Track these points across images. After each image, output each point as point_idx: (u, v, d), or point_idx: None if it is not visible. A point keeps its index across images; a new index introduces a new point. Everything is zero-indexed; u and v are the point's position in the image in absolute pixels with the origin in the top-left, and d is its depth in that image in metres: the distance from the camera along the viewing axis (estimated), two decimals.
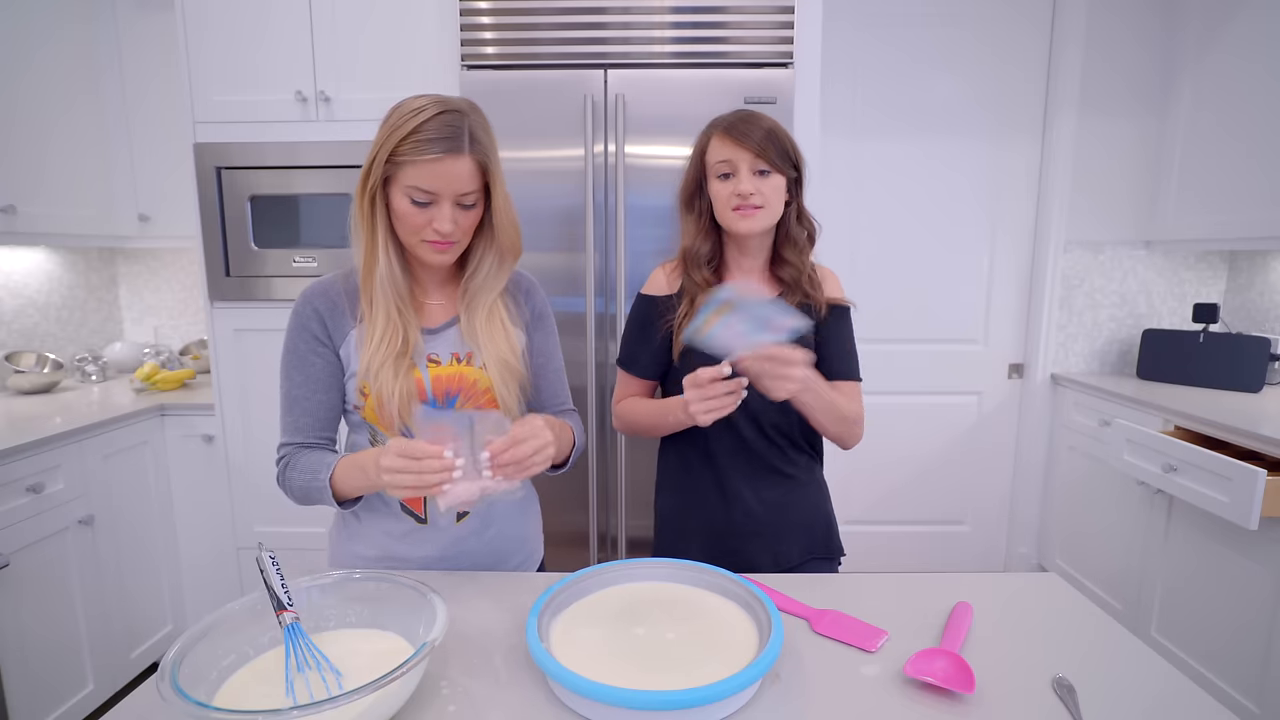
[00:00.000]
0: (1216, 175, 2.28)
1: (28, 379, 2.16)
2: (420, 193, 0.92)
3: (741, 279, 1.20)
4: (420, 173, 0.91)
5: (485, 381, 1.03)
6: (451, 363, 1.03)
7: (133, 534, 2.01)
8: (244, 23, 1.96)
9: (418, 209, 0.93)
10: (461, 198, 0.94)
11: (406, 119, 0.91)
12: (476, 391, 1.03)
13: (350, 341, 1.02)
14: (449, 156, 0.90)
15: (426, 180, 0.91)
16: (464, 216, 0.96)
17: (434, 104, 0.92)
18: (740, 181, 1.11)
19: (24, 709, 1.65)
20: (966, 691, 0.71)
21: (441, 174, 0.91)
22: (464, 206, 0.95)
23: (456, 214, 0.95)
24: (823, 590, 0.96)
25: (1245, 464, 1.63)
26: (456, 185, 0.92)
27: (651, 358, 1.21)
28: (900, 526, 2.78)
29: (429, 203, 0.93)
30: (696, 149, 1.19)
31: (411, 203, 0.93)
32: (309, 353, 1.03)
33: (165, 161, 2.31)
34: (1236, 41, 2.20)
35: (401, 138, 0.90)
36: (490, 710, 0.71)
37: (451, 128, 0.91)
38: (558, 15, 1.83)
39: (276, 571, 0.74)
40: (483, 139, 0.94)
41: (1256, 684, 1.69)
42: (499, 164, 0.97)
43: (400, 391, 0.97)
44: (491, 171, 0.96)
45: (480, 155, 0.94)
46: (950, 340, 2.70)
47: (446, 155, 0.90)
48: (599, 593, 0.89)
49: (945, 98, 2.55)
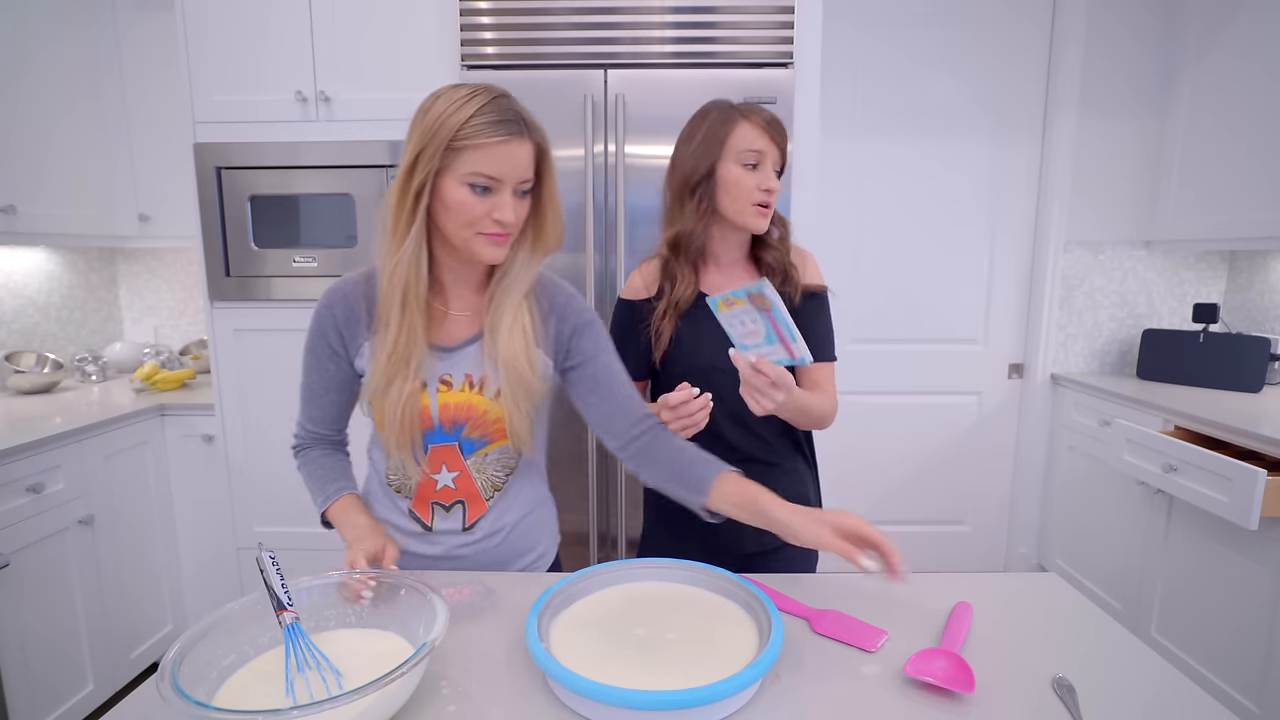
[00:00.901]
0: (1216, 175, 2.28)
1: (28, 379, 2.16)
2: (483, 178, 0.87)
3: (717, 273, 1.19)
4: (483, 157, 0.87)
5: (496, 412, 0.98)
6: (464, 388, 0.98)
7: (133, 534, 2.01)
8: (244, 23, 1.96)
9: (477, 198, 0.88)
10: (520, 184, 0.91)
11: (460, 104, 0.87)
12: (486, 422, 0.99)
13: (364, 353, 0.99)
14: (514, 139, 0.87)
15: (491, 165, 0.87)
16: (521, 206, 0.92)
17: (483, 90, 0.89)
18: (768, 177, 1.10)
19: (24, 709, 1.65)
20: (966, 691, 0.71)
21: (507, 157, 0.88)
22: (520, 194, 0.92)
23: (515, 202, 0.91)
24: (823, 590, 0.96)
25: (1245, 464, 1.63)
26: (520, 170, 0.89)
27: (636, 361, 1.19)
28: (900, 526, 2.78)
29: (489, 189, 0.89)
30: (712, 132, 1.12)
31: (471, 190, 0.88)
32: (325, 358, 1.01)
33: (165, 161, 2.31)
34: (1236, 42, 2.20)
35: (462, 121, 0.86)
36: (490, 710, 0.71)
37: (512, 110, 0.89)
38: (558, 15, 1.83)
39: (276, 571, 0.74)
40: (537, 126, 0.92)
41: (1256, 684, 1.69)
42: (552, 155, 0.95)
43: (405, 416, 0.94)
44: (546, 159, 0.93)
45: (540, 139, 0.91)
46: (950, 340, 2.70)
47: (512, 138, 0.87)
48: (599, 593, 0.89)
49: (945, 98, 2.55)
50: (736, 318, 0.95)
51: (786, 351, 0.93)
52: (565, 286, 1.05)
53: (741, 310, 0.93)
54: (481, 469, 1.03)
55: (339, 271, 2.04)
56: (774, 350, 0.94)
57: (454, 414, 0.98)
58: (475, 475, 1.02)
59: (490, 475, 1.04)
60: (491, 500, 1.04)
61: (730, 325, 0.96)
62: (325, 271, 2.04)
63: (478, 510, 1.04)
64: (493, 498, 1.04)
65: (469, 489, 1.02)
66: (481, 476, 1.03)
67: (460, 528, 1.04)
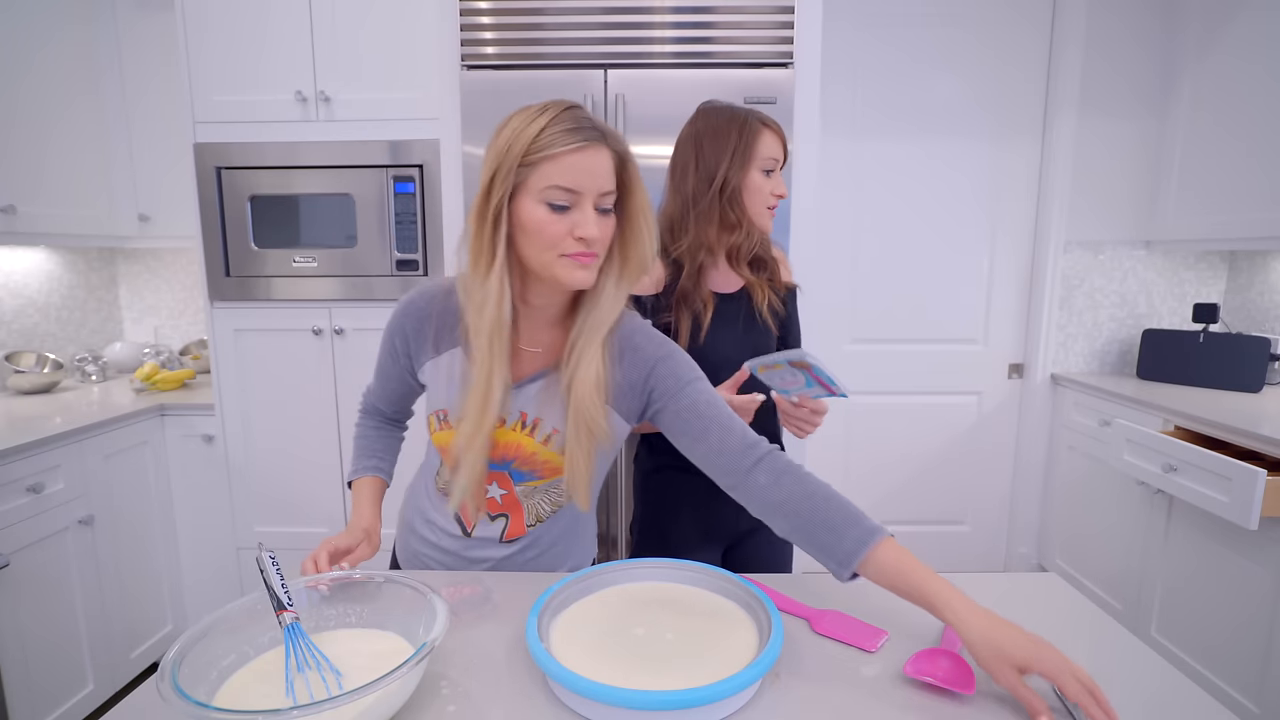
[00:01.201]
0: (1216, 175, 2.28)
1: (28, 379, 2.16)
2: (560, 193, 0.82)
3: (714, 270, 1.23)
4: (559, 168, 0.81)
5: (545, 455, 0.94)
6: (515, 426, 0.94)
7: (133, 534, 2.01)
8: (244, 23, 1.96)
9: (556, 215, 0.82)
10: (601, 199, 0.84)
11: (532, 118, 0.82)
12: (535, 462, 0.95)
13: (426, 371, 0.98)
14: (591, 146, 0.82)
15: (567, 176, 0.81)
16: (604, 223, 0.85)
17: (555, 102, 0.84)
18: (780, 182, 1.20)
19: (24, 709, 1.65)
20: (966, 691, 0.71)
21: (584, 167, 0.81)
22: (602, 211, 0.85)
23: (598, 219, 0.84)
24: (823, 590, 0.96)
25: (1245, 464, 1.63)
26: (600, 181, 0.83)
27: None
28: (900, 526, 2.78)
29: (569, 205, 0.82)
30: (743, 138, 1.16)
31: (549, 209, 0.82)
32: (390, 354, 1.02)
33: (165, 161, 2.31)
34: (1236, 42, 2.20)
35: (535, 134, 0.81)
36: (490, 710, 0.71)
37: (587, 119, 0.83)
38: (558, 15, 1.83)
39: (276, 571, 0.74)
40: (617, 137, 0.86)
41: (1256, 684, 1.69)
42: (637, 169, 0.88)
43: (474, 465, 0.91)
44: (629, 170, 0.86)
45: (619, 148, 0.85)
46: (950, 340, 2.70)
47: (589, 145, 0.81)
48: (599, 593, 0.89)
49: (945, 98, 2.55)
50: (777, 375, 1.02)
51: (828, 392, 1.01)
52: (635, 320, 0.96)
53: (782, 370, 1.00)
54: (529, 496, 1.00)
55: (339, 272, 2.04)
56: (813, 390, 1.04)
57: (502, 451, 0.95)
58: (523, 500, 1.00)
59: (537, 504, 1.01)
60: (533, 527, 1.02)
61: (770, 381, 1.06)
62: (325, 272, 2.04)
63: (517, 531, 1.02)
64: (535, 525, 1.02)
65: (514, 507, 1.00)
66: (528, 502, 1.00)
67: (498, 538, 1.02)
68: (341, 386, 2.10)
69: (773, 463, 0.87)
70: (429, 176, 2.00)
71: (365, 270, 2.04)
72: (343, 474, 2.13)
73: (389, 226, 2.02)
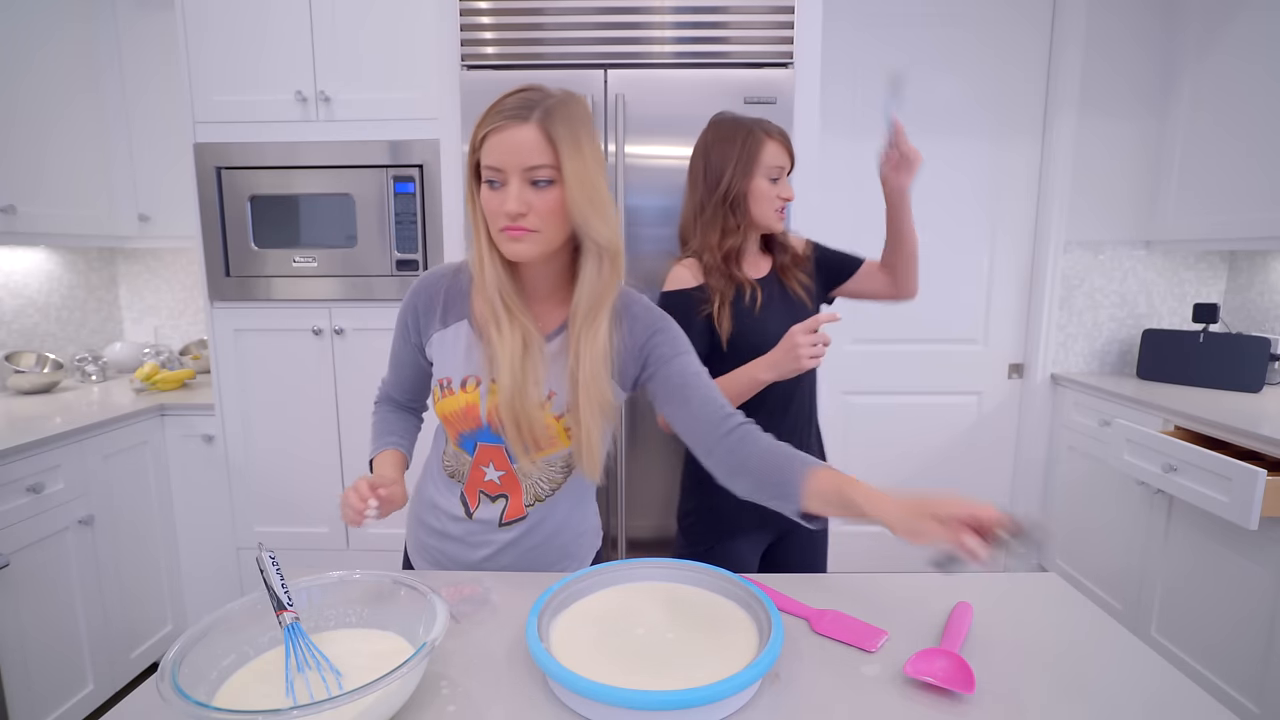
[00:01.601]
0: (1216, 175, 2.28)
1: (28, 379, 2.16)
2: (491, 171, 0.87)
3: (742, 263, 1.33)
4: (488, 148, 0.87)
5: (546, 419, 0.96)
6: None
7: (133, 534, 2.01)
8: (244, 23, 1.96)
9: (492, 193, 0.88)
10: (530, 173, 0.86)
11: (492, 102, 0.88)
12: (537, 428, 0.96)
13: (433, 344, 1.02)
14: (510, 125, 0.85)
15: (492, 155, 0.87)
16: (536, 197, 0.87)
17: (523, 86, 0.89)
18: (786, 187, 1.31)
19: (24, 709, 1.65)
20: (966, 691, 0.71)
21: (505, 144, 0.85)
22: (535, 184, 0.87)
23: (526, 193, 0.86)
24: (823, 590, 0.96)
25: (1245, 464, 1.63)
26: (521, 156, 0.85)
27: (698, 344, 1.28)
28: None
29: (501, 183, 0.87)
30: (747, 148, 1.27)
31: (488, 187, 0.88)
32: (402, 337, 1.07)
33: (165, 161, 2.31)
34: (1236, 42, 2.20)
35: (480, 120, 0.88)
36: (490, 710, 0.71)
37: (525, 99, 0.87)
38: (558, 15, 1.83)
39: (276, 571, 0.74)
40: (559, 113, 0.87)
41: (1256, 683, 1.69)
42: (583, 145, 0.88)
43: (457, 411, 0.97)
44: (562, 146, 0.86)
45: (549, 127, 0.86)
46: (950, 340, 2.70)
47: (509, 124, 0.85)
48: (599, 593, 0.89)
49: (946, 98, 2.55)
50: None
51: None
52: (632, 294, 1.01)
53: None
54: (528, 474, 1.02)
55: (339, 272, 2.04)
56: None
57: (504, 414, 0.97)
58: (521, 479, 1.02)
59: (536, 483, 1.03)
60: (532, 508, 1.04)
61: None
62: (325, 272, 2.04)
63: (516, 511, 1.04)
64: (533, 505, 1.04)
65: (513, 486, 1.03)
66: (527, 482, 1.02)
67: (498, 521, 1.04)
68: (341, 386, 2.10)
69: (743, 433, 0.92)
70: (429, 176, 2.00)
71: (365, 270, 2.04)
72: (343, 474, 2.13)
73: (389, 226, 2.02)
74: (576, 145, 0.87)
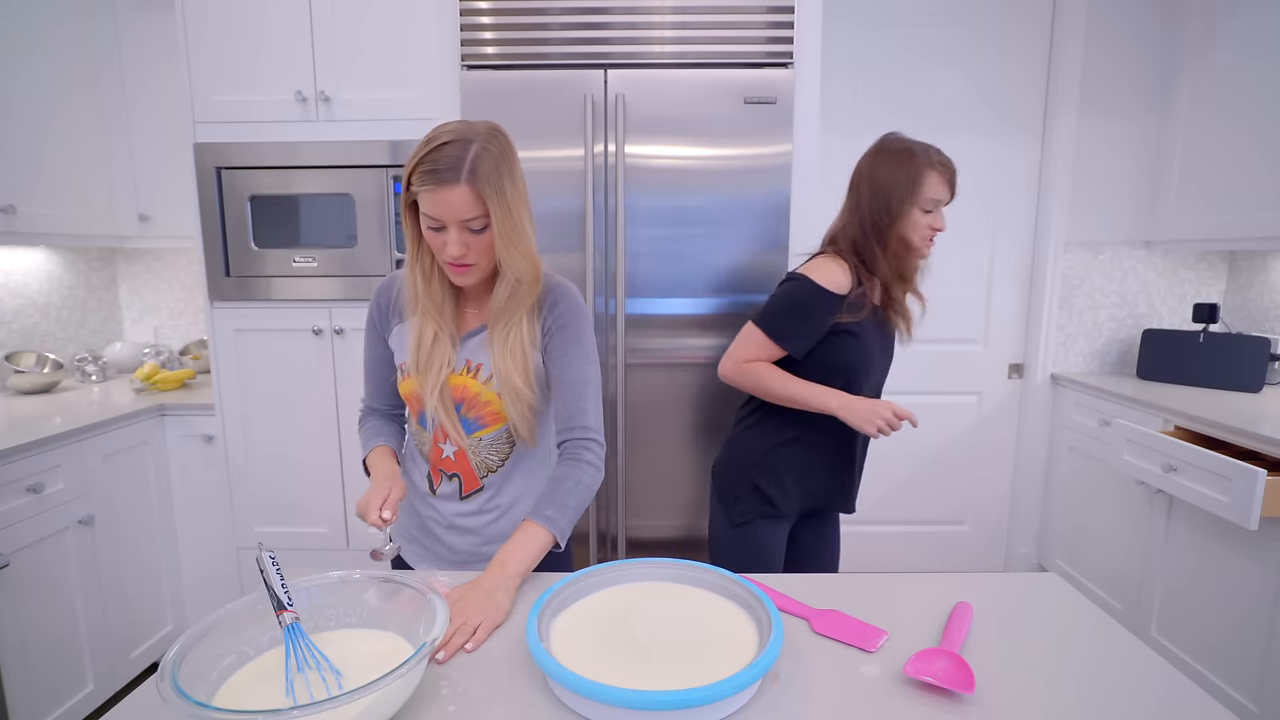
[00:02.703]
0: (1217, 175, 2.28)
1: (28, 379, 2.16)
2: (429, 219, 0.98)
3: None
4: (424, 201, 0.97)
5: (488, 396, 1.09)
6: (463, 372, 1.10)
7: (133, 534, 2.01)
8: (244, 23, 1.96)
9: (433, 233, 0.99)
10: (467, 223, 0.97)
11: (420, 149, 0.96)
12: (479, 404, 1.09)
13: (394, 337, 1.15)
14: (442, 187, 0.94)
15: (428, 207, 0.97)
16: (475, 240, 0.99)
17: (445, 133, 0.96)
18: (938, 218, 1.36)
19: (24, 709, 1.65)
20: (966, 691, 0.71)
21: (440, 203, 0.95)
22: (473, 230, 0.98)
23: (466, 237, 0.98)
24: (823, 590, 0.96)
25: (1245, 464, 1.63)
26: (456, 212, 0.96)
27: (808, 340, 1.36)
28: (900, 526, 2.78)
29: (441, 227, 0.98)
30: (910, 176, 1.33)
31: (429, 228, 0.99)
32: (372, 340, 1.19)
33: (165, 161, 2.31)
34: (1236, 38, 2.20)
35: (411, 168, 0.96)
36: (490, 710, 0.71)
37: (452, 159, 0.94)
38: (558, 15, 1.83)
39: (276, 571, 0.74)
40: (484, 168, 0.95)
41: (1256, 684, 1.69)
42: (507, 194, 0.98)
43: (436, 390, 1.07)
44: (490, 201, 0.97)
45: (479, 185, 0.95)
46: (950, 340, 2.70)
47: (440, 186, 0.94)
48: (599, 592, 0.89)
49: (945, 96, 2.55)
50: None
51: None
52: (564, 287, 1.12)
53: None
54: (476, 450, 1.12)
55: (339, 272, 2.04)
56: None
57: (455, 394, 1.09)
58: (470, 455, 1.12)
59: (485, 457, 1.13)
60: (485, 479, 1.14)
61: None
62: (325, 272, 2.04)
63: (472, 485, 1.15)
64: (487, 477, 1.14)
65: (464, 466, 1.13)
66: (476, 458, 1.13)
67: (458, 497, 1.15)
68: (341, 386, 2.10)
69: (570, 448, 1.08)
70: None
71: (365, 270, 2.04)
72: (343, 474, 2.13)
73: (389, 226, 2.02)
74: (501, 195, 0.98)
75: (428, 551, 1.20)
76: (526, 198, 1.03)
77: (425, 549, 1.20)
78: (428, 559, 1.20)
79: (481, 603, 0.87)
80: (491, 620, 0.85)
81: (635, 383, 1.93)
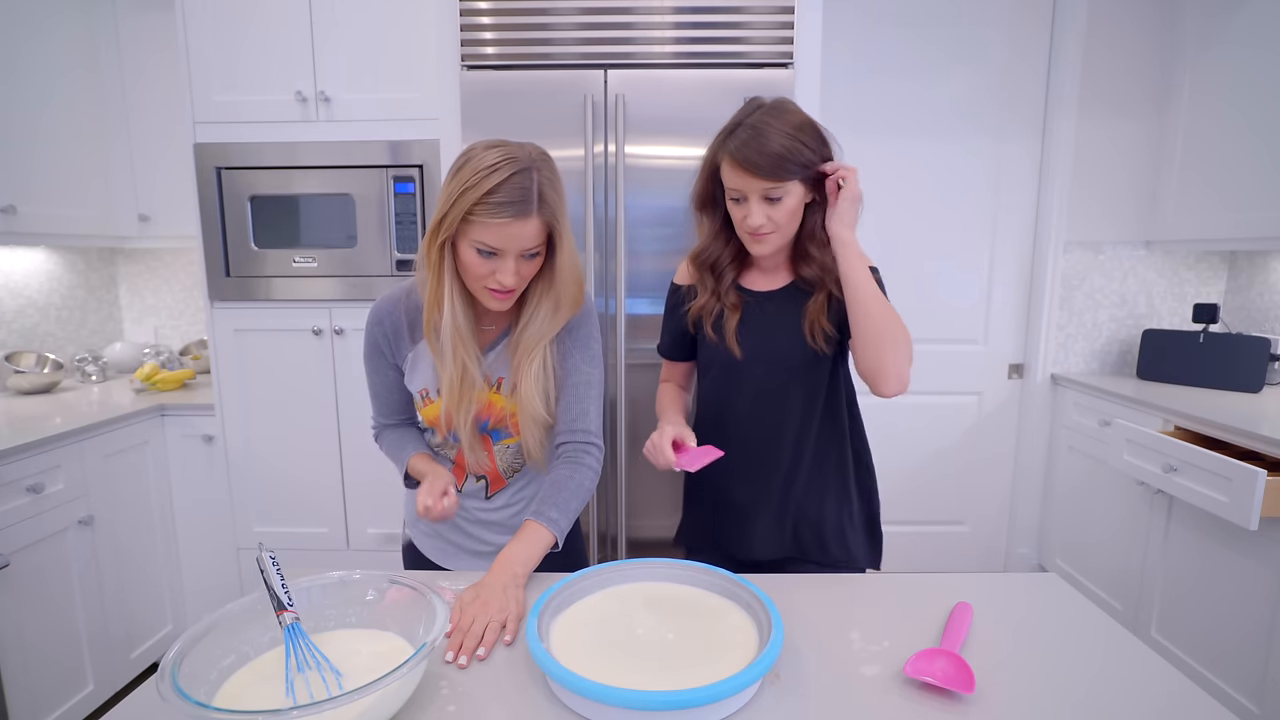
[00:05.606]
0: (1217, 174, 2.28)
1: (28, 379, 2.16)
2: (486, 246, 0.96)
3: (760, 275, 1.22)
4: (489, 232, 0.94)
5: (513, 408, 1.10)
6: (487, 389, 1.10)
7: (133, 534, 2.01)
8: (244, 22, 1.96)
9: (482, 260, 0.97)
10: (525, 251, 0.98)
11: (481, 178, 0.93)
12: (504, 417, 1.11)
13: (409, 360, 1.12)
14: (517, 220, 0.94)
15: (494, 239, 0.95)
16: (526, 266, 1.00)
17: (507, 163, 0.93)
18: (751, 213, 1.08)
19: (24, 709, 1.65)
20: (966, 691, 0.71)
21: (509, 235, 0.94)
22: (527, 257, 0.99)
23: (520, 265, 0.98)
24: (823, 590, 0.96)
25: (1245, 464, 1.63)
26: (522, 243, 0.96)
27: (674, 341, 1.31)
28: (900, 526, 2.78)
29: (495, 255, 0.97)
30: (709, 159, 1.15)
31: (478, 254, 0.97)
32: (381, 365, 1.15)
33: (165, 161, 2.31)
34: (1237, 33, 2.20)
35: (476, 199, 0.92)
36: (490, 710, 0.71)
37: (522, 190, 0.93)
38: (558, 15, 1.83)
39: (276, 571, 0.74)
40: (550, 196, 0.97)
41: (1256, 684, 1.69)
42: (566, 218, 1.00)
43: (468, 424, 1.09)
44: (557, 229, 0.99)
45: (548, 216, 0.97)
46: (950, 340, 2.70)
47: (515, 219, 0.93)
48: (599, 593, 0.89)
49: (945, 96, 2.55)
50: None
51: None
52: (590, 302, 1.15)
53: None
54: (503, 457, 1.17)
55: (339, 272, 2.04)
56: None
57: (481, 411, 1.11)
58: (499, 459, 1.17)
59: (511, 462, 1.18)
60: (511, 479, 1.19)
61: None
62: (325, 272, 2.04)
63: (498, 485, 1.19)
64: (512, 478, 1.19)
65: (493, 469, 1.18)
66: (503, 463, 1.17)
67: (484, 495, 1.19)
68: (342, 386, 2.10)
69: (569, 451, 1.10)
70: (429, 177, 2.00)
71: (365, 270, 2.04)
72: (343, 474, 2.13)
73: (389, 227, 2.02)
74: (563, 223, 0.99)
75: (452, 545, 1.22)
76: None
77: (450, 543, 1.22)
78: (451, 552, 1.22)
79: (502, 599, 0.88)
80: (516, 614, 0.87)
81: (635, 383, 1.93)
